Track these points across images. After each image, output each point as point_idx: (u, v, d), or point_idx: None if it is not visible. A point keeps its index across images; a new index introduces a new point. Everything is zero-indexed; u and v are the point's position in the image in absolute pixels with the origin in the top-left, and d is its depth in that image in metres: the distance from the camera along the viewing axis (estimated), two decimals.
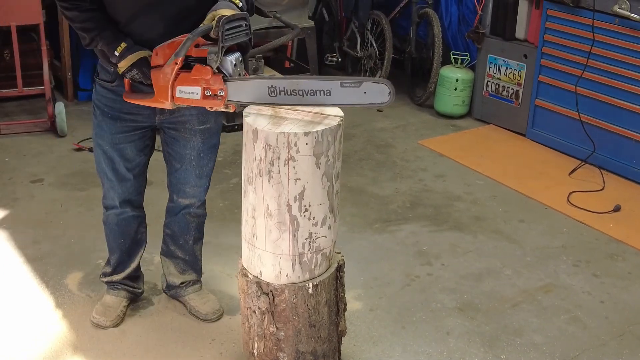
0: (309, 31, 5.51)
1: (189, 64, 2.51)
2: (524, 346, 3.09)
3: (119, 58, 2.62)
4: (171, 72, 2.51)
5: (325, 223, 2.51)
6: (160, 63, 2.55)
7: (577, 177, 4.68)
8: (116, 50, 2.61)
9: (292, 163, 2.37)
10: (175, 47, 2.49)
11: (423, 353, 3.03)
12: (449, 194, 4.45)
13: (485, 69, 5.50)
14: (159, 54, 2.56)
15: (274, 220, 2.46)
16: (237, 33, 2.45)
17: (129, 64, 2.61)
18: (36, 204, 4.17)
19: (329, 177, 2.45)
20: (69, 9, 2.62)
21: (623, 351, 3.08)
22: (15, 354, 2.95)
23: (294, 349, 2.64)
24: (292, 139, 2.34)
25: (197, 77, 2.49)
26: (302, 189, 2.41)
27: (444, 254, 3.78)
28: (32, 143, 4.98)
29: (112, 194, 2.98)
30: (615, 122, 4.67)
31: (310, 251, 2.52)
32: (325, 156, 2.41)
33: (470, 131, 5.48)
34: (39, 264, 3.55)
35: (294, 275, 2.54)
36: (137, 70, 2.62)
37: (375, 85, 2.36)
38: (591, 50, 4.67)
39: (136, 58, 2.61)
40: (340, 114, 2.49)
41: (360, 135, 5.32)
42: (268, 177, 2.40)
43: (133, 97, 2.70)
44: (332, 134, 2.40)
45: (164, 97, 2.56)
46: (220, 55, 2.45)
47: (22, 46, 5.10)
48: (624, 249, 3.87)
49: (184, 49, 2.46)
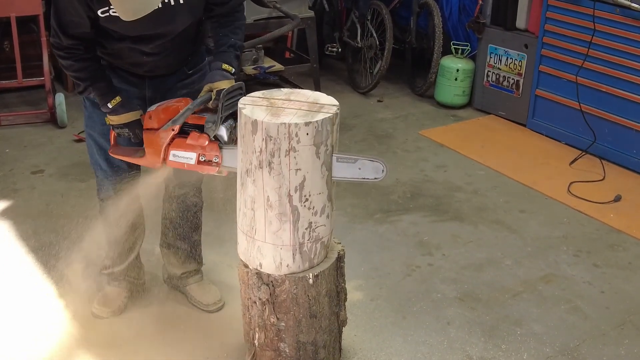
0: (309, 21, 5.50)
1: (184, 130, 2.59)
2: (524, 336, 3.09)
3: (111, 112, 2.66)
4: (167, 137, 2.59)
5: (324, 212, 2.51)
6: (154, 126, 2.61)
7: (578, 167, 4.68)
8: (109, 103, 2.66)
9: (293, 153, 2.37)
10: (170, 113, 2.57)
11: (424, 343, 3.03)
12: (450, 184, 4.45)
13: (486, 59, 5.48)
14: (153, 118, 2.62)
15: (274, 212, 2.46)
16: (234, 102, 2.53)
17: (121, 122, 2.67)
18: (37, 195, 4.18)
19: (327, 166, 2.45)
20: (63, 57, 2.64)
21: (623, 341, 3.08)
22: (17, 347, 2.96)
23: (295, 339, 2.64)
24: (293, 129, 2.34)
25: (193, 144, 2.57)
26: (302, 179, 2.41)
27: (445, 244, 3.78)
28: (33, 134, 4.98)
29: (107, 185, 2.97)
30: (616, 112, 4.66)
31: (310, 240, 2.52)
32: (325, 145, 2.41)
33: (471, 121, 5.47)
34: (40, 255, 3.56)
35: (294, 266, 2.54)
36: (130, 131, 2.68)
37: (370, 163, 2.46)
38: (592, 40, 4.66)
39: (129, 119, 2.67)
40: (336, 102, 2.49)
41: (360, 125, 5.32)
42: (269, 168, 2.40)
43: (120, 152, 2.76)
44: (330, 123, 2.40)
45: (156, 160, 2.63)
46: (219, 124, 2.53)
47: (22, 37, 5.10)
48: (624, 239, 3.87)
49: (183, 118, 2.55)
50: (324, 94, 2.58)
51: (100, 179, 2.99)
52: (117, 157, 2.79)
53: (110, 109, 2.66)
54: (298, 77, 6.05)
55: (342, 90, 6.02)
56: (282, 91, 2.59)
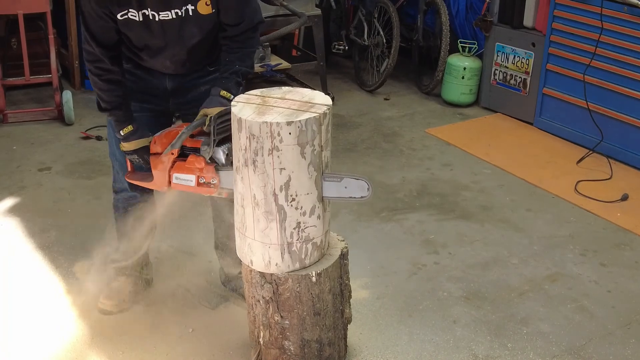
0: (316, 19, 5.50)
1: (185, 153, 2.69)
2: (530, 335, 3.09)
3: (123, 139, 2.78)
4: (168, 161, 2.69)
5: (314, 213, 2.50)
6: (158, 151, 2.73)
7: (585, 166, 4.66)
8: (122, 130, 2.77)
9: (277, 153, 2.36)
10: (172, 138, 2.68)
11: (429, 341, 3.03)
12: (456, 182, 4.45)
13: (493, 58, 5.47)
14: (157, 143, 2.74)
15: (261, 210, 2.46)
16: (228, 125, 2.58)
17: (131, 149, 2.77)
18: (44, 192, 4.19)
19: (315, 167, 2.44)
20: (92, 72, 2.75)
21: (630, 340, 3.08)
22: (25, 340, 2.97)
23: (300, 337, 2.64)
24: (275, 128, 2.33)
25: (191, 167, 2.66)
26: (287, 178, 2.41)
27: (451, 242, 3.78)
28: (40, 131, 4.99)
29: (121, 177, 3.00)
30: (623, 111, 4.65)
31: (299, 241, 2.51)
32: (311, 145, 2.39)
33: (478, 120, 5.46)
34: (47, 252, 3.57)
35: (283, 265, 2.54)
36: (139, 157, 2.79)
37: (355, 182, 2.48)
38: (599, 39, 4.65)
39: (138, 145, 2.78)
40: (328, 102, 2.47)
41: (367, 124, 5.31)
42: (253, 166, 2.40)
43: (134, 177, 2.88)
44: (317, 123, 2.38)
45: (163, 183, 2.75)
46: (213, 148, 2.60)
47: (29, 35, 5.12)
48: (631, 238, 3.86)
49: (179, 142, 2.66)
50: (322, 93, 2.55)
51: (116, 170, 3.04)
52: (132, 182, 2.91)
53: (122, 136, 2.78)
54: (305, 75, 6.05)
55: (349, 88, 6.02)
56: (281, 90, 2.59)
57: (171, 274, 3.42)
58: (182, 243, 3.61)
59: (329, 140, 2.48)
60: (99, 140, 4.82)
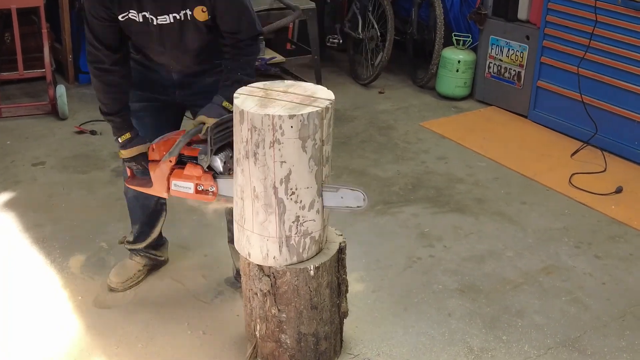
0: (310, 13, 5.49)
1: (183, 160, 2.71)
2: (525, 327, 3.10)
3: (121, 146, 2.81)
4: (166, 168, 2.71)
5: (314, 207, 2.51)
6: (156, 158, 2.76)
7: (579, 159, 4.67)
8: (120, 137, 2.81)
9: (278, 146, 2.37)
10: (170, 146, 2.71)
11: (425, 334, 3.04)
12: (451, 175, 4.45)
13: (487, 51, 5.47)
14: (155, 150, 2.76)
15: (260, 202, 2.46)
16: (225, 134, 2.60)
17: (129, 156, 2.81)
18: (38, 187, 4.18)
19: (316, 161, 2.44)
20: (92, 73, 2.79)
21: (624, 332, 3.09)
22: (19, 334, 2.97)
23: (296, 331, 2.65)
24: (277, 121, 2.33)
25: (189, 174, 2.68)
26: (288, 172, 2.41)
27: (446, 235, 3.78)
28: (34, 126, 4.98)
29: None
30: (617, 103, 4.66)
31: (297, 234, 2.52)
32: (312, 139, 2.40)
33: (472, 113, 5.46)
34: (41, 247, 3.56)
35: (281, 258, 2.54)
36: (137, 163, 2.82)
37: (351, 193, 2.50)
38: (593, 32, 4.65)
39: (136, 153, 2.82)
40: (331, 97, 2.48)
41: (361, 117, 5.31)
42: (254, 159, 2.41)
43: (135, 183, 2.92)
44: (319, 117, 2.39)
45: (162, 189, 2.77)
46: (210, 156, 2.61)
47: (23, 29, 5.09)
48: (625, 231, 3.87)
49: (177, 150, 2.68)
50: (324, 87, 2.57)
51: None
52: (132, 188, 2.95)
53: (120, 143, 2.81)
54: (299, 69, 6.03)
55: (343, 82, 6.01)
56: (284, 83, 2.59)
57: (166, 268, 3.42)
58: (177, 237, 3.60)
59: (330, 135, 2.49)
60: (93, 135, 4.81)
